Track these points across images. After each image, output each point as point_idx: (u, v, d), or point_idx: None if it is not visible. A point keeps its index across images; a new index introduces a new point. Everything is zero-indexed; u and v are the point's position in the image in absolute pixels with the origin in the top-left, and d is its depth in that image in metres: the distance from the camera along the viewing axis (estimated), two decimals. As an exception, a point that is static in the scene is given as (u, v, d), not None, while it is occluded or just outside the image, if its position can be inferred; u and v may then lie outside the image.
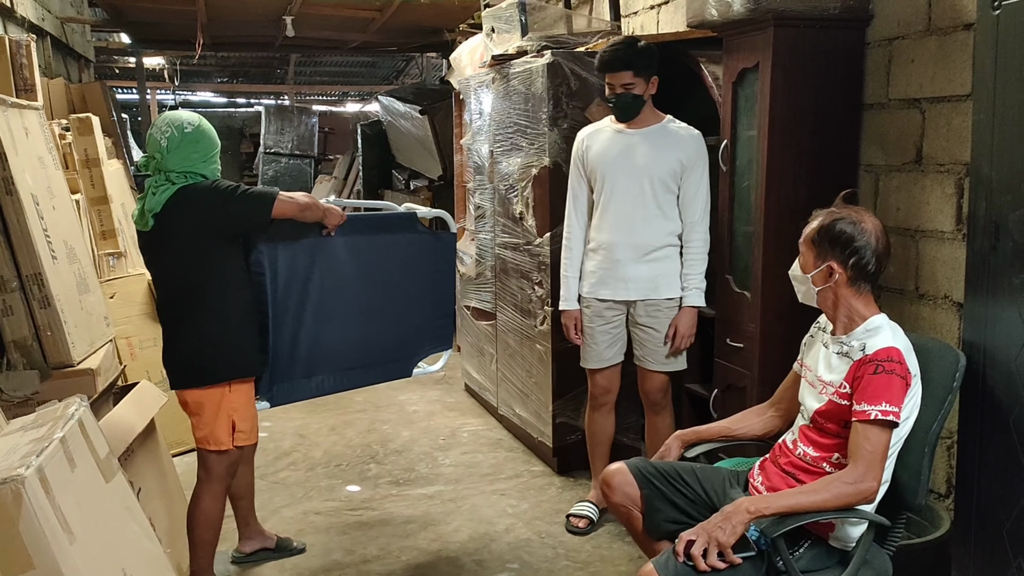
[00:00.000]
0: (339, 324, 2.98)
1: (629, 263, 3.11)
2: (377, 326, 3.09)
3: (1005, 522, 1.98)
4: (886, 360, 1.96)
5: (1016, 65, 1.90)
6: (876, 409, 1.92)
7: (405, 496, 3.72)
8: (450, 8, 6.15)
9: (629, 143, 3.11)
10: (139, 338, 4.14)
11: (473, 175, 4.74)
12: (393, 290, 3.11)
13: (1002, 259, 1.96)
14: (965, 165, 2.52)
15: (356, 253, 2.99)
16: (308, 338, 2.90)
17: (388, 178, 8.73)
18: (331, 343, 2.96)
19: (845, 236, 2.05)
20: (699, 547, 1.88)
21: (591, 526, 3.31)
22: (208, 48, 7.58)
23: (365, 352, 3.08)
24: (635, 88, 3.03)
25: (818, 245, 2.09)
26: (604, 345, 3.24)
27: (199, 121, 2.64)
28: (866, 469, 1.92)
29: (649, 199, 3.08)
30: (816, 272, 2.10)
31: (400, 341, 3.18)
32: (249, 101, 14.92)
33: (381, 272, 3.07)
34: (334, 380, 3.01)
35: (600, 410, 3.35)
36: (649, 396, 3.25)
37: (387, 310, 3.11)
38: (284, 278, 2.82)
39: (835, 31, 2.86)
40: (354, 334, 3.03)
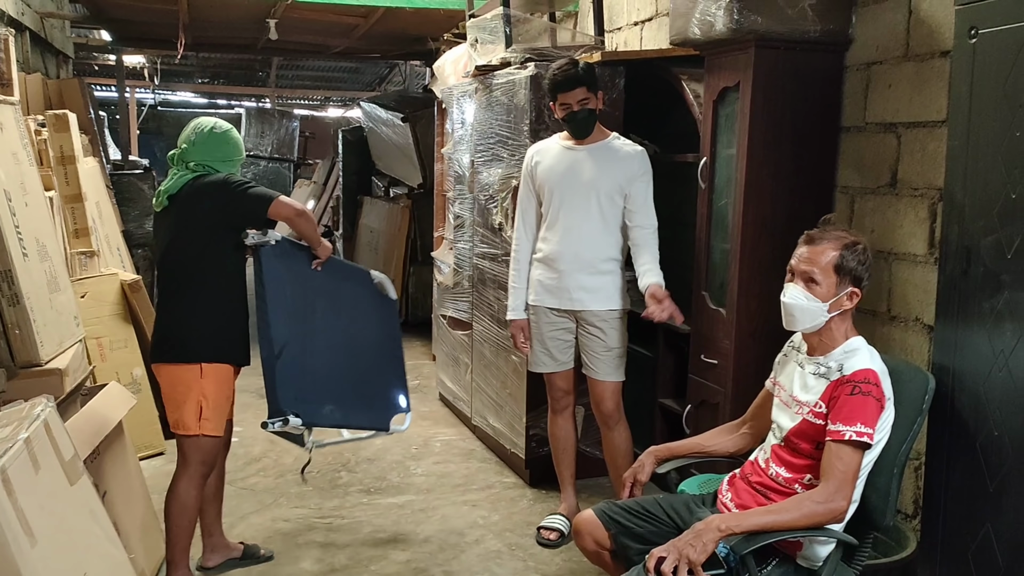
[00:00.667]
0: (337, 358, 3.02)
1: (573, 274, 3.16)
2: (358, 369, 3.13)
3: (970, 545, 2.00)
4: (863, 382, 1.98)
5: (991, 93, 1.93)
6: (851, 430, 1.94)
7: (375, 505, 3.69)
8: (435, 17, 6.15)
9: (576, 159, 3.17)
10: (110, 339, 4.09)
11: (453, 184, 4.74)
12: (361, 337, 3.16)
13: (973, 284, 1.99)
14: (939, 190, 2.56)
15: (334, 293, 3.05)
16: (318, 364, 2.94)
17: (368, 185, 8.71)
18: (332, 373, 3.00)
19: (863, 262, 2.07)
20: (669, 564, 1.87)
21: (562, 539, 3.30)
22: (189, 48, 7.53)
23: (360, 392, 3.11)
24: (589, 103, 3.09)
25: (841, 271, 2.06)
26: (556, 350, 3.29)
27: (230, 128, 2.90)
28: (837, 488, 1.94)
29: (594, 213, 3.13)
30: (836, 299, 2.07)
31: (377, 390, 3.21)
32: (230, 103, 14.83)
33: (353, 317, 3.14)
34: (341, 414, 3.03)
35: (562, 414, 3.38)
36: (600, 408, 3.27)
37: (361, 355, 3.15)
38: (293, 297, 2.87)
39: (815, 54, 2.89)
40: (348, 372, 3.07)
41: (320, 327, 2.98)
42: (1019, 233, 1.86)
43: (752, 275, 2.87)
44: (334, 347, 3.03)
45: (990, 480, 1.95)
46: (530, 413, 3.80)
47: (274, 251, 2.83)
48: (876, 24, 2.82)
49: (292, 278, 2.90)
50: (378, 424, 3.17)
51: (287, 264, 2.88)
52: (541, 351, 3.32)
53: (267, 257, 2.82)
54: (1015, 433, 1.89)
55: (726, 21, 2.75)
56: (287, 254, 2.88)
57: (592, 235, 3.15)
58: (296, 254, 2.92)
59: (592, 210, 3.13)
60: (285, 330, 2.82)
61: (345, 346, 3.08)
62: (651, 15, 4.28)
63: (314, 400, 2.90)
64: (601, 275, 3.16)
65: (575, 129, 3.15)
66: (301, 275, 2.93)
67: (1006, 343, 1.90)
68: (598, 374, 3.23)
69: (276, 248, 2.84)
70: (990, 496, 1.95)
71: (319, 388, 2.93)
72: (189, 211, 2.77)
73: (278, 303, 2.82)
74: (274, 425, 2.75)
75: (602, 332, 3.19)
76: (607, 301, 3.18)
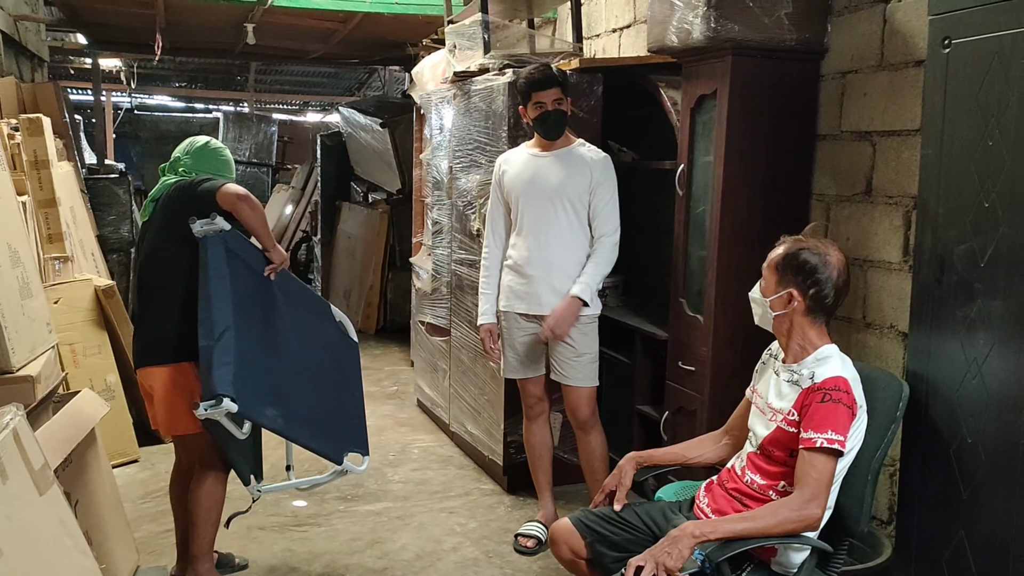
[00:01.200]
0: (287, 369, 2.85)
1: (542, 279, 3.18)
2: (313, 392, 2.94)
3: (944, 552, 2.01)
4: (833, 389, 1.99)
5: (964, 103, 1.95)
6: (822, 437, 1.95)
7: (352, 512, 3.67)
8: (413, 23, 6.14)
9: (541, 165, 3.19)
10: (83, 345, 4.04)
11: (432, 190, 4.72)
12: (318, 364, 3.04)
13: (946, 292, 2.01)
14: (913, 198, 2.59)
15: (289, 310, 2.94)
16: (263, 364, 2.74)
17: (347, 190, 8.67)
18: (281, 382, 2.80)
19: (809, 266, 2.08)
20: (648, 572, 1.88)
21: (539, 546, 3.29)
22: (167, 52, 7.46)
23: (311, 413, 2.89)
24: (562, 104, 3.13)
25: (782, 271, 2.12)
26: (527, 356, 3.30)
27: (225, 148, 3.01)
28: (811, 496, 1.94)
29: (561, 219, 3.16)
30: (775, 297, 2.13)
31: (329, 420, 2.99)
32: (207, 107, 14.72)
33: (309, 340, 3.03)
34: (284, 422, 2.70)
35: (537, 420, 3.38)
36: (575, 414, 3.27)
37: (316, 380, 2.99)
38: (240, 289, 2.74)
39: (791, 63, 2.91)
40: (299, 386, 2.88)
41: (273, 333, 2.85)
42: (992, 242, 1.88)
43: (729, 282, 2.88)
44: (288, 357, 2.87)
45: (964, 487, 1.96)
46: (508, 420, 3.79)
47: (221, 239, 2.72)
48: (851, 33, 2.85)
49: (240, 269, 2.76)
50: (330, 452, 2.82)
51: (235, 256, 2.76)
52: (513, 357, 3.32)
53: (213, 245, 2.70)
54: (988, 441, 1.90)
55: (703, 29, 2.76)
56: (237, 247, 2.77)
57: (559, 241, 3.16)
58: (248, 251, 2.82)
59: (559, 216, 3.16)
60: (228, 316, 2.63)
61: (301, 362, 2.93)
62: (629, 22, 4.30)
63: (255, 395, 2.60)
64: (570, 280, 3.16)
65: (547, 129, 3.16)
66: (251, 272, 2.81)
67: (979, 351, 1.92)
68: (570, 380, 3.23)
69: (224, 237, 2.72)
70: (964, 503, 1.96)
71: (262, 386, 2.68)
72: (166, 213, 2.79)
73: (220, 289, 2.66)
74: (206, 409, 2.44)
75: (571, 339, 3.18)
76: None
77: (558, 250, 3.17)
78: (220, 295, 2.65)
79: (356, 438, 3.05)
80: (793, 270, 2.10)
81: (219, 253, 2.70)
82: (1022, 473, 1.82)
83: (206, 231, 2.71)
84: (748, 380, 2.36)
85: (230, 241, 2.74)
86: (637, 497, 2.45)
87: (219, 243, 2.71)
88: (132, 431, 4.14)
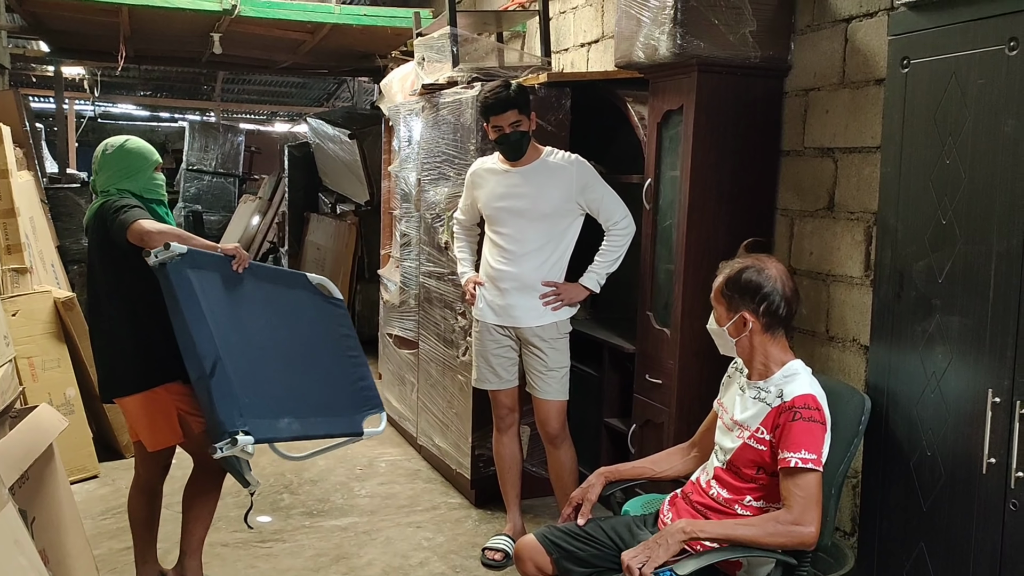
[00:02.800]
0: (286, 366, 2.84)
1: (514, 293, 3.19)
2: (311, 377, 2.93)
3: (905, 563, 2.04)
4: (803, 407, 2.01)
5: (922, 122, 1.99)
6: (796, 457, 1.96)
7: (318, 528, 3.63)
8: (382, 34, 6.14)
9: (512, 184, 3.18)
10: (42, 358, 3.96)
11: (400, 202, 4.71)
12: (309, 344, 2.99)
13: (906, 307, 2.04)
14: (874, 214, 2.63)
15: (268, 301, 2.88)
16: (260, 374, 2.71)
17: (314, 201, 8.62)
18: (280, 385, 2.79)
19: (752, 284, 2.10)
20: (638, 560, 1.97)
21: (507, 559, 3.28)
22: (131, 60, 7.38)
23: (320, 400, 2.90)
24: (522, 125, 3.10)
25: (728, 298, 2.14)
26: (500, 367, 3.29)
27: (123, 142, 2.85)
28: (800, 513, 1.95)
29: (532, 238, 3.16)
30: (730, 324, 2.14)
31: (336, 396, 3.01)
32: (173, 116, 14.57)
33: (295, 324, 2.96)
34: (299, 424, 2.76)
35: (507, 432, 3.37)
36: (545, 427, 3.27)
37: (311, 363, 2.96)
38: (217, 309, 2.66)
39: (755, 79, 2.96)
40: (301, 380, 2.87)
41: (259, 337, 2.80)
42: (949, 259, 1.92)
43: (696, 295, 2.91)
44: (279, 355, 2.86)
45: (923, 499, 1.99)
46: (476, 433, 3.78)
47: (183, 265, 2.60)
48: (814, 51, 2.89)
49: (211, 289, 2.67)
50: (349, 429, 2.93)
51: (202, 276, 2.65)
52: (485, 368, 3.32)
53: (175, 272, 2.58)
54: (946, 453, 1.93)
55: (669, 45, 2.79)
56: (200, 265, 2.65)
57: (532, 260, 3.17)
58: (211, 263, 2.70)
59: (531, 235, 3.16)
60: (213, 345, 2.59)
61: (292, 353, 2.92)
62: (597, 37, 4.33)
63: (265, 415, 2.66)
64: (542, 296, 3.17)
65: (507, 151, 3.17)
66: (222, 285, 2.72)
67: (938, 365, 1.95)
68: (542, 393, 3.23)
69: (185, 261, 2.60)
70: (924, 514, 1.99)
71: (268, 401, 2.71)
72: (92, 241, 2.78)
73: (198, 317, 2.59)
74: (223, 449, 2.45)
75: (542, 352, 3.19)
76: (546, 317, 3.19)
77: (531, 268, 3.17)
78: (198, 323, 2.57)
79: (367, 398, 3.08)
80: (739, 293, 2.12)
81: (183, 278, 2.59)
82: (979, 486, 1.85)
83: (164, 259, 2.57)
84: (715, 393, 2.38)
85: (190, 260, 2.62)
86: (604, 510, 2.46)
87: (180, 268, 2.59)
88: (92, 446, 4.07)
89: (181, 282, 2.58)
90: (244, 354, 2.69)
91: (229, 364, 2.59)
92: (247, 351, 2.72)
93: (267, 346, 2.82)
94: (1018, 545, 1.77)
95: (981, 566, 1.85)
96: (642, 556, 1.98)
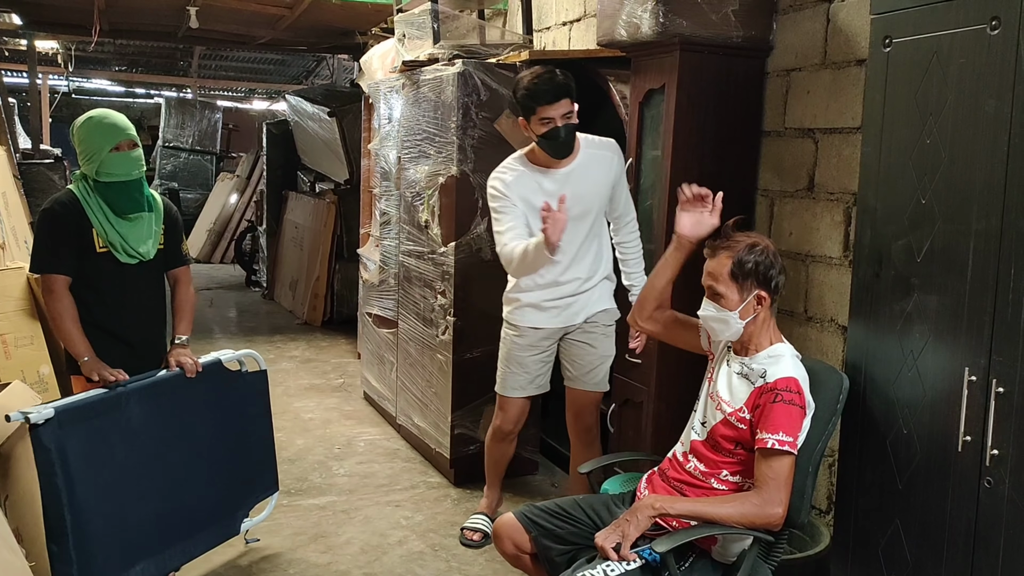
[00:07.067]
0: (154, 499, 2.70)
1: (574, 293, 3.01)
2: (197, 488, 2.87)
3: (880, 541, 2.06)
4: (785, 390, 2.02)
5: (903, 103, 1.99)
6: (774, 439, 1.97)
7: (296, 507, 3.61)
8: (362, 10, 6.07)
9: (564, 186, 2.84)
10: (14, 335, 3.90)
11: (380, 181, 4.67)
12: (208, 444, 2.92)
13: (884, 287, 2.05)
14: (853, 195, 2.63)
15: (159, 417, 2.73)
16: (117, 524, 2.57)
17: (293, 179, 8.55)
18: (146, 522, 2.67)
19: (763, 264, 2.09)
20: (611, 539, 2.00)
21: (485, 539, 3.28)
22: (105, 35, 7.26)
23: (189, 520, 2.84)
24: (572, 117, 2.81)
25: (739, 279, 2.09)
26: (535, 373, 3.12)
27: (84, 121, 2.69)
28: (770, 494, 1.97)
29: (589, 238, 2.96)
30: (744, 305, 2.10)
31: (224, 497, 3.01)
32: (149, 92, 14.36)
33: (192, 429, 2.86)
34: (155, 564, 2.68)
35: (506, 440, 3.27)
36: (584, 419, 3.12)
37: (205, 467, 2.91)
38: (78, 472, 2.45)
39: (737, 59, 2.94)
40: (172, 505, 2.76)
41: (137, 479, 2.65)
42: (928, 238, 1.92)
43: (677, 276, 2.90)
44: (161, 485, 2.73)
45: (899, 477, 2.01)
46: (455, 412, 3.77)
47: (54, 431, 2.38)
48: (796, 31, 2.89)
49: (90, 450, 2.50)
50: (220, 538, 3.00)
51: (76, 436, 2.46)
52: (522, 375, 3.11)
53: (48, 437, 2.38)
54: (923, 432, 1.95)
55: (652, 24, 2.77)
56: (74, 420, 2.46)
57: (588, 260, 2.98)
58: (86, 412, 2.51)
59: (582, 235, 2.93)
60: (79, 520, 2.43)
61: (177, 474, 2.79)
62: (580, 15, 4.30)
63: (116, 569, 2.56)
64: (596, 287, 3.03)
65: (557, 149, 2.83)
66: (100, 437, 2.54)
67: (915, 344, 1.96)
68: (588, 385, 3.08)
69: (55, 426, 2.38)
70: (899, 493, 2.01)
71: (129, 548, 2.60)
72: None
73: (67, 494, 2.41)
74: None
75: (594, 338, 3.04)
76: (600, 302, 3.05)
77: (586, 267, 2.98)
78: (68, 499, 2.41)
79: (265, 485, 3.23)
80: (752, 275, 2.09)
81: (60, 446, 2.39)
82: (954, 464, 1.87)
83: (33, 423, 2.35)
84: (693, 373, 2.38)
85: (59, 421, 2.41)
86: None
87: (53, 435, 2.38)
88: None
89: (58, 453, 2.39)
90: (111, 511, 2.56)
91: (96, 518, 2.48)
92: (117, 504, 2.59)
93: (146, 478, 2.68)
94: (992, 522, 1.79)
95: (956, 543, 1.87)
96: (614, 536, 2.01)
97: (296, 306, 7.65)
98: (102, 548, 2.51)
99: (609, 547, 1.99)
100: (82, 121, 2.70)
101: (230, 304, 8.33)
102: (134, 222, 2.72)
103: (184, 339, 2.88)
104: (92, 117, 2.70)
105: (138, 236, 2.73)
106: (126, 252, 2.71)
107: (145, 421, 2.69)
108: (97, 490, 2.51)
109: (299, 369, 5.89)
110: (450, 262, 3.71)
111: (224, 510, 3.03)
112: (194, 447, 2.88)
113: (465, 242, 3.69)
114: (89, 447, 2.51)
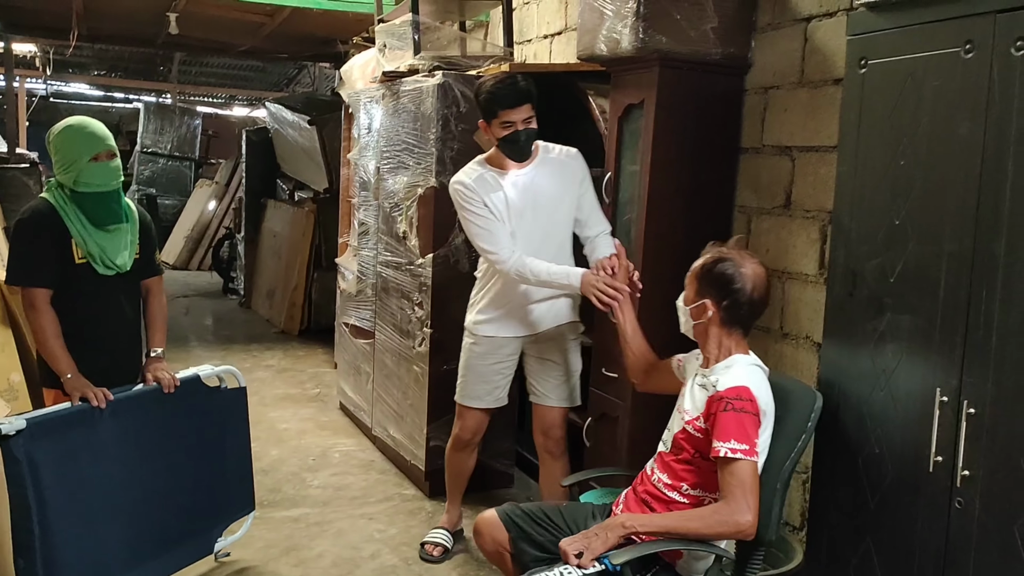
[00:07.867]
0: (126, 515, 2.67)
1: (535, 300, 3.02)
2: (171, 506, 2.84)
3: (852, 559, 2.06)
4: (735, 399, 2.03)
5: (878, 123, 2.01)
6: (725, 447, 1.98)
7: (268, 519, 3.57)
8: (343, 19, 6.06)
9: (525, 186, 2.93)
10: (-16, 343, 3.84)
11: (359, 191, 4.66)
12: (183, 461, 2.88)
13: (858, 306, 2.06)
14: (829, 213, 2.65)
15: (134, 432, 2.70)
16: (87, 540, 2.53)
17: (272, 187, 8.51)
18: (118, 539, 2.64)
19: (725, 278, 2.12)
20: (575, 548, 2.01)
21: (446, 554, 3.26)
22: (84, 39, 7.20)
23: (161, 538, 2.81)
24: (533, 122, 2.88)
25: (700, 281, 2.17)
26: (493, 384, 3.13)
27: (62, 129, 2.66)
28: (737, 502, 1.97)
29: (541, 244, 2.95)
30: (694, 306, 2.18)
31: (198, 515, 2.97)
32: (128, 96, 14.25)
33: (167, 445, 2.82)
34: None
35: (465, 450, 3.26)
36: (549, 435, 3.11)
37: (179, 485, 2.87)
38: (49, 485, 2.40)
39: (716, 76, 2.96)
40: (144, 522, 2.73)
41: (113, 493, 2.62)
42: (901, 258, 1.94)
43: (654, 290, 2.90)
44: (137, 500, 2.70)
45: (871, 496, 2.01)
46: (431, 424, 3.75)
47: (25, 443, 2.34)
48: (774, 50, 2.91)
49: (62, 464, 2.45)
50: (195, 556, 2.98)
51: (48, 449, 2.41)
52: (481, 385, 3.13)
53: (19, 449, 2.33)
54: (894, 451, 1.96)
55: (631, 39, 2.78)
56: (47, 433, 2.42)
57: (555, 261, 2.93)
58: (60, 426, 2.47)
59: (541, 242, 2.94)
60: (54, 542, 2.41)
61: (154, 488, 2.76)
62: (560, 29, 4.32)
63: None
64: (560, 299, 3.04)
65: (516, 151, 2.89)
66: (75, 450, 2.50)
67: (887, 363, 1.97)
68: (556, 400, 3.08)
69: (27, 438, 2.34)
70: (871, 511, 2.01)
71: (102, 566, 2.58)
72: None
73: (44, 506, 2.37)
74: None
75: (563, 355, 3.06)
76: (567, 314, 3.06)
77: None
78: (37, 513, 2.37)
79: (242, 502, 3.17)
80: (710, 281, 2.15)
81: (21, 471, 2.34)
82: (925, 484, 1.87)
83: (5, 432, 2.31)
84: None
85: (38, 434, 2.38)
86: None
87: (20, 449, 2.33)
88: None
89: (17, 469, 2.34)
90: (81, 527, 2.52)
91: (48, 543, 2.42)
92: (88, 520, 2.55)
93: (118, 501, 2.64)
94: (962, 544, 1.80)
95: (926, 564, 1.88)
96: (579, 544, 2.02)
97: (273, 315, 7.60)
98: (70, 564, 2.47)
99: (572, 553, 2.00)
100: (60, 129, 2.66)
101: (206, 312, 8.26)
102: (112, 233, 2.69)
103: (159, 351, 2.84)
104: (71, 125, 2.66)
105: (116, 247, 2.70)
106: (104, 264, 2.67)
107: (120, 436, 2.64)
108: (68, 505, 2.47)
109: (275, 378, 5.84)
110: (427, 273, 3.70)
111: (199, 529, 2.99)
112: (169, 464, 2.83)
113: (443, 254, 3.68)
114: (61, 461, 2.46)
